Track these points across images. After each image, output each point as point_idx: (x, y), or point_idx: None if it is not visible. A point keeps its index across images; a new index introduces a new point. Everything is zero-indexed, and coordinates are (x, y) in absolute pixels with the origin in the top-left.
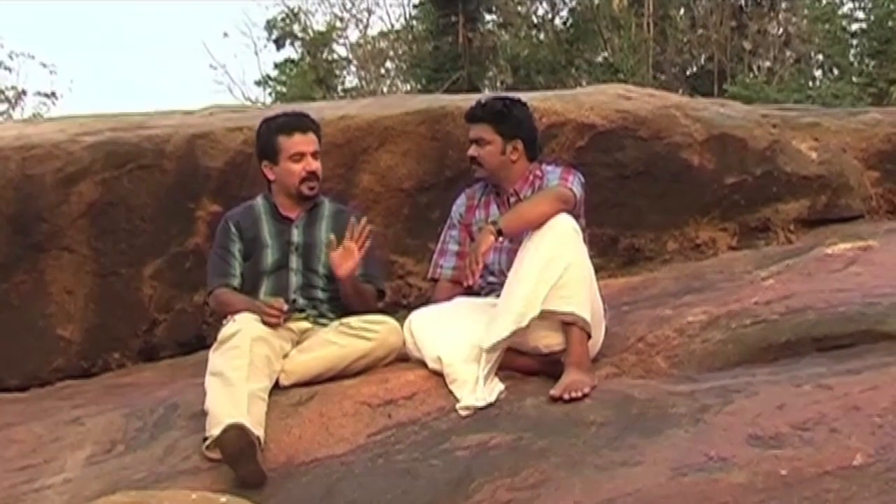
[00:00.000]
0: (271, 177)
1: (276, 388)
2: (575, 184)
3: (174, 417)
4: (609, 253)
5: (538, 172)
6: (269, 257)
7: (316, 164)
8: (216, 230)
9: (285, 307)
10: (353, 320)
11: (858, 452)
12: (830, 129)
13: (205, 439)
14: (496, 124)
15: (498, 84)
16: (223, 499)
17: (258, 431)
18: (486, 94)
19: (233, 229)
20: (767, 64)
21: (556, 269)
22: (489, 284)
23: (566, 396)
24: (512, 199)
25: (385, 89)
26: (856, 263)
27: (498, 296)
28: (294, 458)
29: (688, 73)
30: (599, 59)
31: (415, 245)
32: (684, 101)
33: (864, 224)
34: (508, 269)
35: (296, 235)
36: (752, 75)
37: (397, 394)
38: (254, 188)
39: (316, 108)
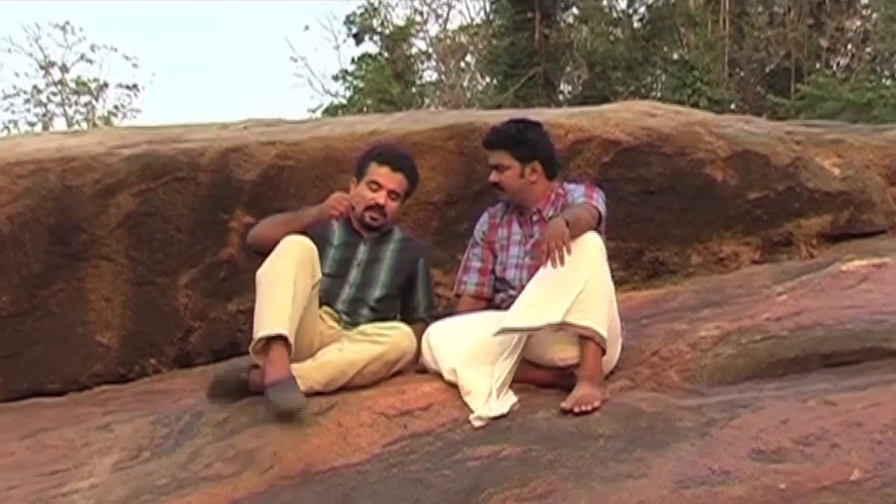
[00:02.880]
0: (351, 192)
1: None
2: (599, 201)
3: (199, 425)
4: (633, 266)
5: (560, 191)
6: (331, 262)
7: (388, 202)
8: None
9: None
10: (368, 327)
11: (857, 468)
12: (854, 146)
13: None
14: (512, 149)
15: (574, 80)
16: None
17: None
18: (502, 120)
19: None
20: (845, 61)
21: (577, 282)
22: (510, 298)
23: (576, 409)
24: (535, 218)
25: (465, 83)
26: (867, 280)
27: None
28: (311, 467)
29: (766, 70)
30: (675, 56)
31: (443, 257)
32: (709, 118)
33: (885, 240)
34: None
35: (362, 252)
36: (828, 72)
37: (413, 405)
38: (287, 201)
39: (347, 123)
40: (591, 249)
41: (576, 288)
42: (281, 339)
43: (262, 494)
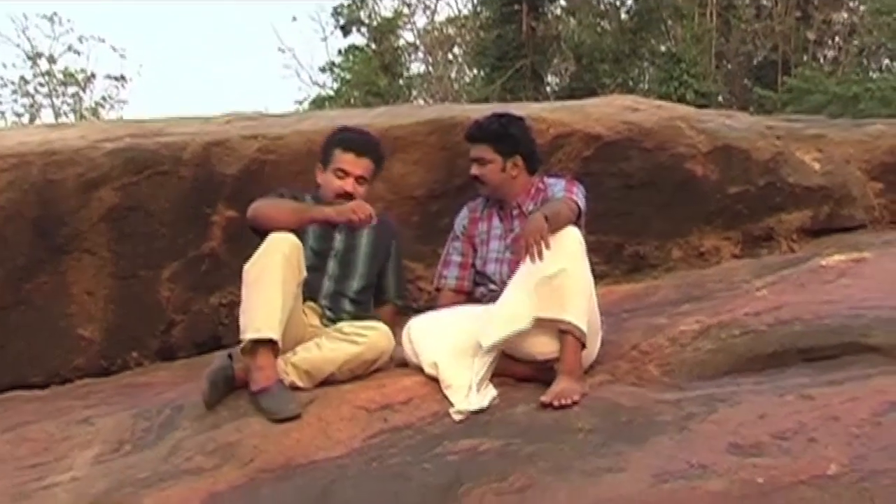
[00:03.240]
0: (318, 180)
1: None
2: (579, 196)
3: (179, 418)
4: (614, 260)
5: (540, 185)
6: (309, 254)
7: (356, 189)
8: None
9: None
10: (346, 325)
11: (833, 462)
12: (834, 141)
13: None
14: (495, 143)
15: (562, 72)
16: None
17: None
18: (484, 114)
19: (285, 194)
20: (832, 54)
21: (557, 277)
22: (491, 293)
23: (556, 403)
24: (515, 212)
25: (453, 75)
26: (846, 275)
27: None
28: (292, 461)
29: (753, 63)
30: (663, 48)
31: (425, 251)
32: (690, 113)
33: (865, 234)
34: (510, 278)
35: (338, 241)
36: (815, 65)
37: (394, 399)
38: (269, 195)
39: (330, 118)
40: (570, 244)
41: (554, 282)
42: (269, 342)
43: (242, 488)
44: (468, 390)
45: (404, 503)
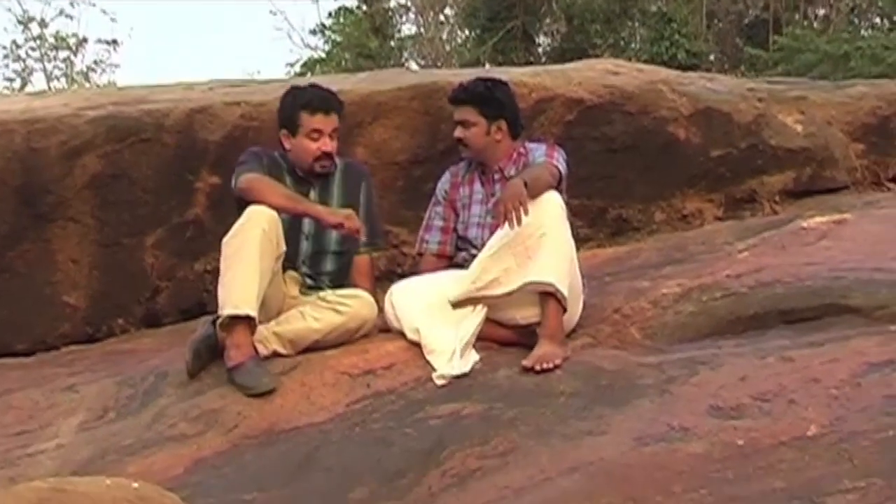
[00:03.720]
0: (287, 146)
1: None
2: (560, 161)
3: (163, 385)
4: (598, 224)
5: (522, 150)
6: (286, 219)
7: (332, 145)
8: (242, 157)
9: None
10: (329, 294)
11: (813, 423)
12: (816, 103)
13: (216, 318)
14: (480, 106)
15: (553, 33)
16: (135, 484)
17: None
18: (468, 78)
19: (263, 160)
20: (823, 12)
21: (537, 242)
22: (472, 257)
23: (538, 367)
24: (496, 177)
25: (444, 36)
26: (827, 237)
27: None
28: (275, 426)
29: (744, 21)
30: (654, 8)
31: (409, 216)
32: (672, 76)
33: (847, 196)
34: None
35: (312, 197)
36: (806, 24)
37: (376, 364)
38: (245, 155)
39: (303, 84)
40: (550, 208)
41: (535, 247)
42: (246, 318)
43: (226, 454)
44: (451, 355)
45: (387, 468)
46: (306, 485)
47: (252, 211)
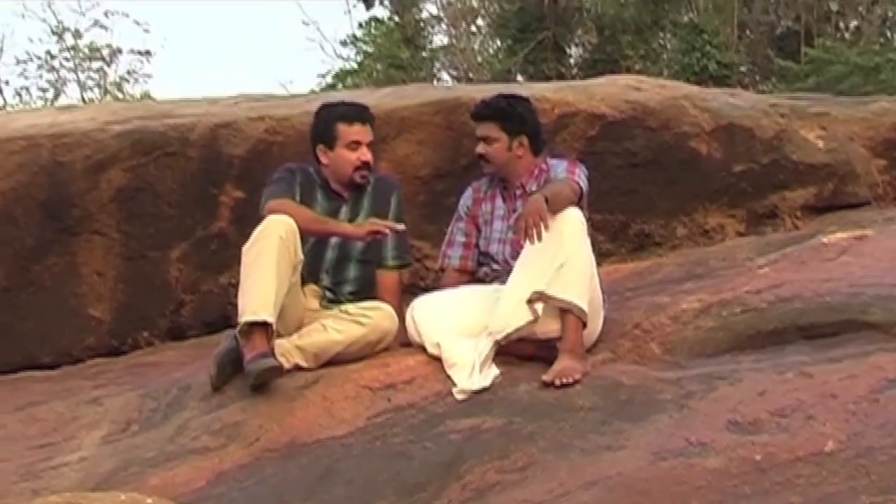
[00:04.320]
0: (324, 161)
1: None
2: (581, 177)
3: (186, 398)
4: (620, 238)
5: (543, 166)
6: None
7: (370, 155)
8: (274, 174)
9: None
10: (351, 307)
11: (830, 439)
12: (838, 119)
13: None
14: (502, 122)
15: (584, 44)
16: (149, 500)
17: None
18: (490, 94)
19: (297, 177)
20: (855, 23)
21: (558, 257)
22: (493, 272)
23: (557, 382)
24: (518, 192)
25: (476, 47)
26: (847, 253)
27: (502, 283)
28: (297, 439)
29: (776, 33)
30: (685, 19)
31: (431, 230)
32: (694, 92)
33: (869, 211)
34: (513, 258)
35: (343, 213)
36: (837, 35)
37: (397, 378)
38: (276, 171)
39: (345, 98)
40: (571, 224)
41: (555, 262)
42: (264, 324)
43: (247, 467)
44: (471, 370)
45: (407, 481)
46: (327, 497)
47: (270, 220)
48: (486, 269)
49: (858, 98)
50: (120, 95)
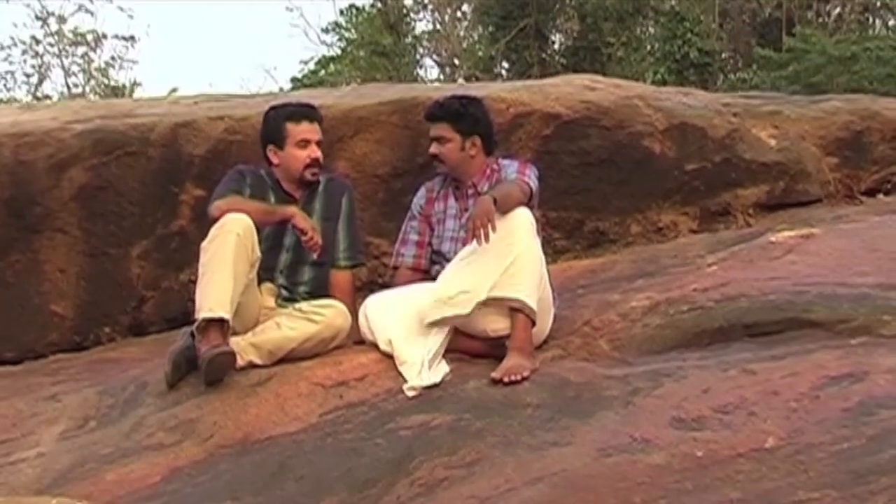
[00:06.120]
0: (275, 161)
1: (234, 370)
2: (531, 177)
3: (143, 395)
4: (575, 235)
5: (495, 166)
6: (267, 233)
7: (319, 153)
8: (224, 177)
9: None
10: (304, 305)
11: (771, 436)
12: (790, 118)
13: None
14: (455, 122)
15: (566, 31)
16: None
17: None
18: (444, 94)
19: (246, 178)
20: (837, 11)
21: (507, 256)
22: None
23: (506, 379)
24: (470, 192)
25: (461, 33)
26: (794, 252)
27: None
28: (250, 436)
29: (758, 20)
30: (666, 6)
31: (389, 228)
32: (647, 92)
33: (819, 209)
34: None
35: None
36: (818, 23)
37: (349, 375)
38: (228, 173)
39: (295, 99)
40: (520, 224)
41: (505, 262)
42: (221, 321)
43: (201, 463)
44: (421, 366)
45: (357, 477)
46: (279, 493)
47: (227, 218)
48: (438, 267)
49: (811, 97)
50: (105, 81)
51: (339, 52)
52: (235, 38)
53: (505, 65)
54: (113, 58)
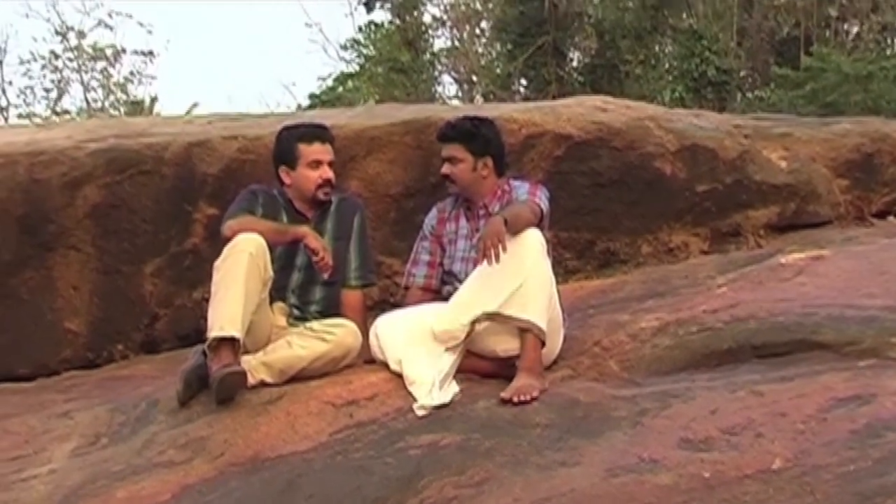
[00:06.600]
0: (287, 181)
1: (245, 388)
2: (542, 199)
3: (154, 413)
4: (586, 255)
5: (506, 187)
6: (279, 253)
7: (331, 173)
8: (237, 197)
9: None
10: (316, 324)
11: (778, 457)
12: (801, 140)
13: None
14: (467, 143)
15: (584, 49)
16: None
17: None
18: (457, 115)
19: (259, 198)
20: (856, 30)
21: (517, 277)
22: (456, 290)
23: (515, 399)
24: (481, 213)
25: (480, 50)
26: (803, 273)
27: None
28: (260, 454)
29: (775, 39)
30: (684, 25)
31: (401, 247)
32: (659, 113)
33: (830, 230)
34: None
35: None
36: (836, 42)
37: (360, 395)
38: (241, 193)
39: (307, 119)
40: (531, 245)
41: (515, 282)
42: (232, 340)
43: (212, 481)
44: (431, 386)
45: (367, 496)
46: None
47: (240, 238)
48: (449, 287)
49: (822, 119)
50: (124, 96)
51: (357, 68)
52: (254, 53)
53: (523, 82)
54: (132, 73)
